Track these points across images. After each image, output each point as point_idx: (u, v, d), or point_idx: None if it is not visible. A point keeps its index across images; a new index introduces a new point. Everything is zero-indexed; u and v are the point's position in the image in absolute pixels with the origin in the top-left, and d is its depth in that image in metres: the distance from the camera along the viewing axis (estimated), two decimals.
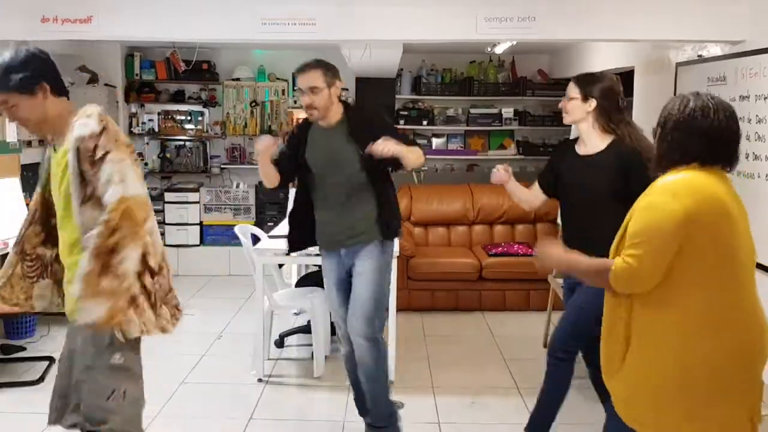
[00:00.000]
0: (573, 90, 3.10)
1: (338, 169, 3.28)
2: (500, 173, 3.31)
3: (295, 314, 5.54)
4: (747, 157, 3.82)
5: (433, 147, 7.67)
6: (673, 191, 2.06)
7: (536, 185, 3.35)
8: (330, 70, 3.27)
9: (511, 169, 3.35)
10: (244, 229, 4.72)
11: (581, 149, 3.13)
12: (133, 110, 7.33)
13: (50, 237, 2.53)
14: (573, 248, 2.65)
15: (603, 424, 2.48)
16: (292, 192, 3.76)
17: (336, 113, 3.30)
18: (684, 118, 2.12)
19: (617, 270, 2.08)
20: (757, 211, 3.74)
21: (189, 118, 7.45)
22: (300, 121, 3.47)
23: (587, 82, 3.09)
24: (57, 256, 2.52)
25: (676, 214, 2.02)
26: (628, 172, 2.89)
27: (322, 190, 3.38)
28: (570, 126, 5.06)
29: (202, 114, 7.45)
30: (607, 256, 2.29)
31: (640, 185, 2.55)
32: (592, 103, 3.04)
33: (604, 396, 2.80)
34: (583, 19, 4.13)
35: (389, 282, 3.47)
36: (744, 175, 3.85)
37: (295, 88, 3.37)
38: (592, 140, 3.07)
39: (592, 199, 3.00)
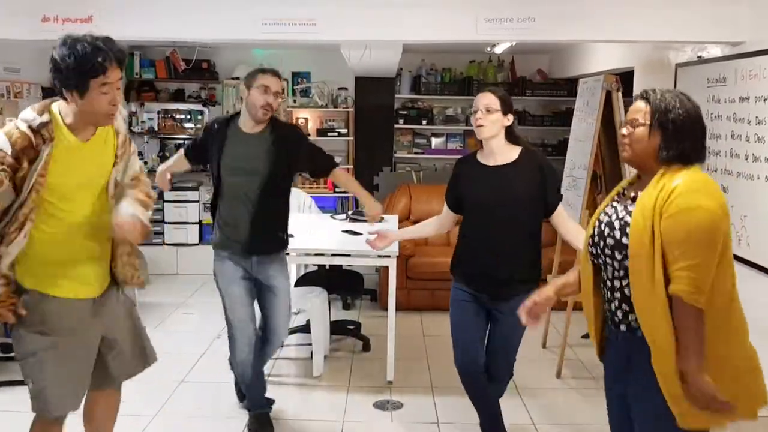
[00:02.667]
0: (494, 101, 3.07)
1: (255, 175, 3.47)
2: (373, 242, 3.47)
3: (294, 314, 5.54)
4: (747, 159, 3.83)
5: (433, 146, 7.68)
6: (706, 193, 2.03)
7: (446, 208, 3.36)
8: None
9: (386, 225, 3.51)
10: None
11: (490, 161, 3.15)
12: (133, 109, 7.33)
13: None
14: (482, 256, 3.11)
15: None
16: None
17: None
18: (688, 112, 2.13)
19: (684, 294, 1.98)
20: (757, 212, 3.75)
21: (189, 117, 7.45)
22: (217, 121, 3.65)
23: (506, 98, 3.13)
24: None
25: (717, 213, 2.01)
26: (544, 177, 3.07)
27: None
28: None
29: (201, 113, 7.45)
30: (517, 260, 2.99)
31: (554, 189, 3.08)
32: (510, 118, 3.12)
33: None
34: (583, 19, 4.14)
35: None
36: (744, 177, 3.85)
37: (263, 85, 3.41)
38: (504, 151, 3.13)
39: (510, 205, 3.07)
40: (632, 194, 2.20)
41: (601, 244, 2.20)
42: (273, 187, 3.48)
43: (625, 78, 5.17)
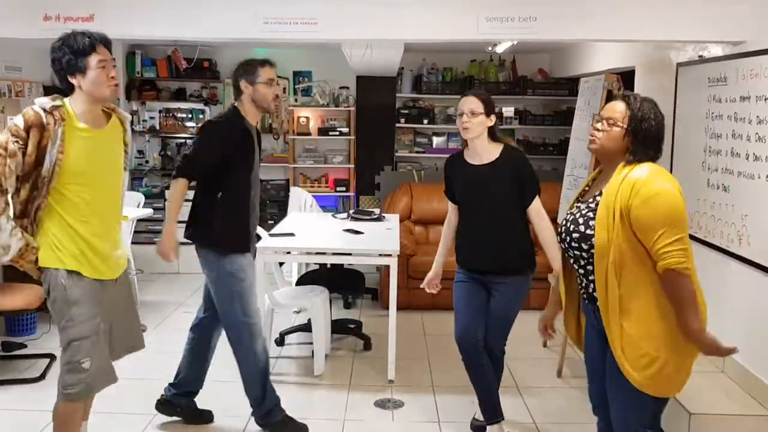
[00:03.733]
0: (478, 105, 3.29)
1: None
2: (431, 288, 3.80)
3: (296, 312, 5.56)
4: (748, 158, 3.83)
5: (434, 145, 7.68)
6: (664, 179, 2.31)
7: (450, 204, 3.64)
8: None
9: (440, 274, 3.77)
10: None
11: (475, 160, 3.39)
12: (135, 108, 7.34)
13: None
14: (473, 249, 3.40)
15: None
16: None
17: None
18: (659, 123, 2.40)
19: (677, 265, 2.23)
20: (757, 212, 3.75)
21: (190, 116, 7.46)
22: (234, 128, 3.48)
23: (489, 101, 3.34)
24: None
25: (679, 196, 2.29)
26: (522, 174, 3.34)
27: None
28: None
29: (203, 112, 7.46)
30: (506, 251, 3.31)
31: (531, 185, 3.33)
32: (493, 118, 3.33)
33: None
34: (584, 19, 4.13)
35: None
36: (745, 176, 3.85)
37: (269, 78, 3.49)
38: (488, 151, 3.36)
39: (495, 201, 3.34)
40: (596, 192, 2.46)
41: (568, 239, 2.48)
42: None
43: (626, 77, 5.18)
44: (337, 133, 7.52)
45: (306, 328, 4.87)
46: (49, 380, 4.16)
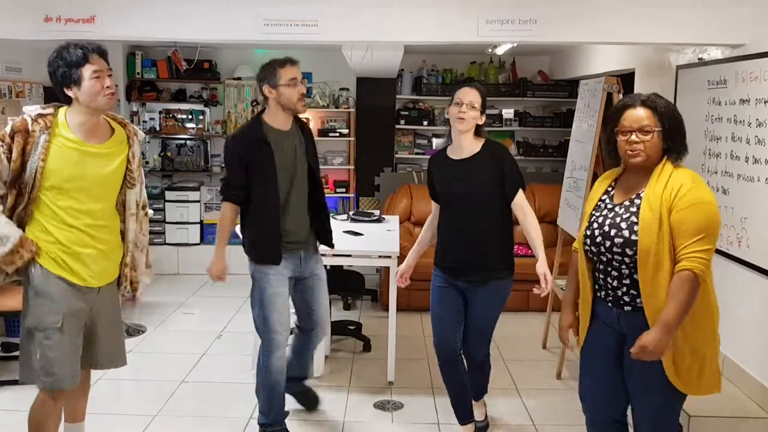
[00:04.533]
0: (478, 99, 3.25)
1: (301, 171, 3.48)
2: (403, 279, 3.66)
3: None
4: (747, 161, 3.83)
5: (434, 147, 7.68)
6: (708, 190, 2.38)
7: (434, 203, 3.54)
8: None
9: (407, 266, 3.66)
10: None
11: (457, 155, 3.33)
12: (135, 109, 7.33)
13: None
14: (455, 246, 3.31)
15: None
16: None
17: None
18: (679, 113, 2.46)
19: (699, 271, 2.30)
20: (757, 215, 3.76)
21: (190, 117, 7.46)
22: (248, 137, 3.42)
23: (485, 99, 3.30)
24: None
25: (717, 207, 2.38)
26: (503, 166, 3.25)
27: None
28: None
29: (203, 113, 7.46)
30: (487, 248, 3.25)
31: (512, 178, 3.26)
32: (483, 118, 3.30)
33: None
34: (584, 21, 4.14)
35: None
36: (745, 179, 3.86)
37: (291, 78, 3.39)
38: (471, 145, 3.30)
39: (476, 195, 3.26)
40: (631, 196, 2.46)
41: (607, 243, 2.44)
42: (314, 179, 3.52)
43: (626, 80, 5.18)
44: (337, 134, 7.52)
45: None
46: None
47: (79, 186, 2.69)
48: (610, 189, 2.59)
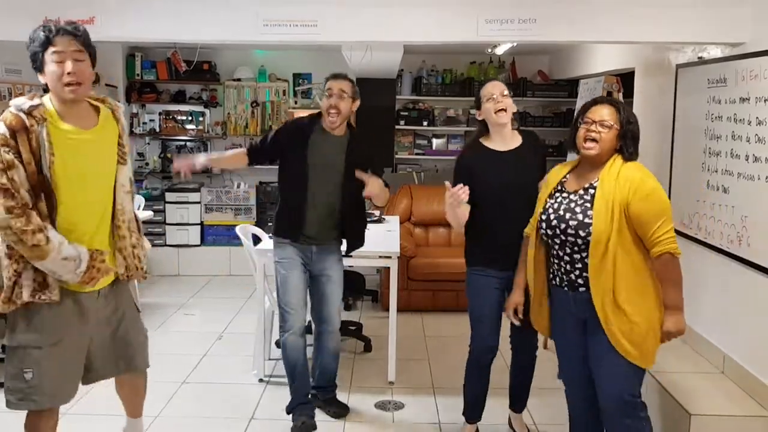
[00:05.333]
0: (506, 89, 3.32)
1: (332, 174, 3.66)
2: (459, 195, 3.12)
3: None
4: (747, 160, 3.83)
5: (434, 147, 7.69)
6: (652, 177, 2.67)
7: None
8: (354, 87, 3.73)
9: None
10: (245, 229, 4.73)
11: (502, 147, 3.34)
12: (134, 110, 7.34)
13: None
14: (505, 236, 3.24)
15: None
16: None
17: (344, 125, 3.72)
18: (638, 124, 2.75)
19: (676, 251, 2.62)
20: (757, 213, 3.75)
21: (190, 118, 7.46)
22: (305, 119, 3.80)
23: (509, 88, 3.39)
24: None
25: (661, 187, 2.69)
26: (543, 153, 3.48)
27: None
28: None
29: (203, 114, 7.47)
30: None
31: (543, 164, 3.36)
32: (515, 106, 3.39)
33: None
34: (584, 21, 4.14)
35: None
36: (744, 177, 3.86)
37: (327, 89, 3.69)
38: (513, 136, 3.38)
39: (529, 183, 3.24)
40: (585, 185, 2.74)
41: (562, 226, 2.71)
42: (350, 189, 3.64)
43: (626, 79, 5.18)
44: None
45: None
46: None
47: (73, 181, 2.48)
48: (564, 180, 2.86)
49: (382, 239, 4.78)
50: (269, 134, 3.84)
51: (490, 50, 6.60)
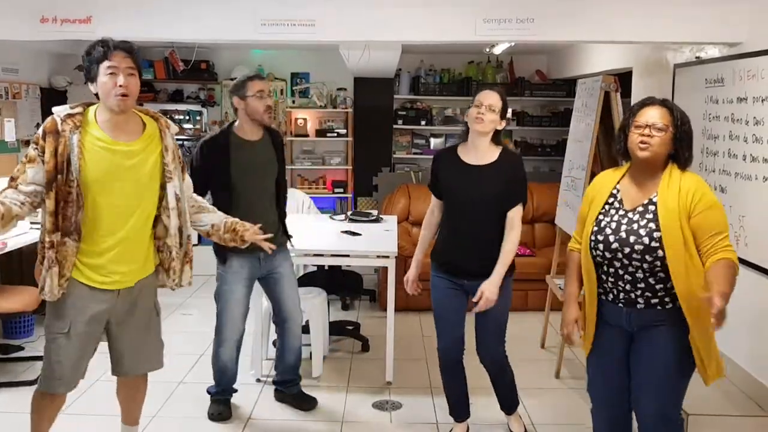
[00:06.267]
0: (498, 102, 3.23)
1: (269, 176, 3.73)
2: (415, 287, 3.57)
3: None
4: (745, 159, 3.84)
5: (432, 147, 7.69)
6: (708, 187, 2.51)
7: (434, 199, 3.51)
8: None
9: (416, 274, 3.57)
10: None
11: (472, 159, 3.29)
12: None
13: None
14: (458, 248, 3.29)
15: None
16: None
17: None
18: (690, 124, 2.53)
19: (735, 259, 2.42)
20: (755, 213, 3.76)
21: (187, 117, 7.46)
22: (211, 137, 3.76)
23: (506, 104, 3.28)
24: None
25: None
26: (516, 178, 3.28)
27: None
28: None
29: (200, 113, 7.46)
30: (490, 252, 3.21)
31: (520, 190, 3.29)
32: (503, 123, 3.28)
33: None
34: (582, 20, 4.14)
35: None
36: (742, 177, 3.86)
37: (258, 90, 3.63)
38: (488, 152, 3.29)
39: (486, 203, 3.25)
40: (643, 201, 2.53)
41: (626, 250, 2.50)
42: (284, 186, 3.79)
43: (624, 78, 5.18)
44: (335, 134, 7.52)
45: (304, 329, 4.85)
46: None
47: (103, 187, 2.64)
48: (615, 192, 2.63)
49: (380, 239, 4.77)
50: (195, 166, 3.68)
51: (488, 50, 6.60)
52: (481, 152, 3.28)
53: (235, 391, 3.99)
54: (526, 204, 3.32)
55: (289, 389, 4.02)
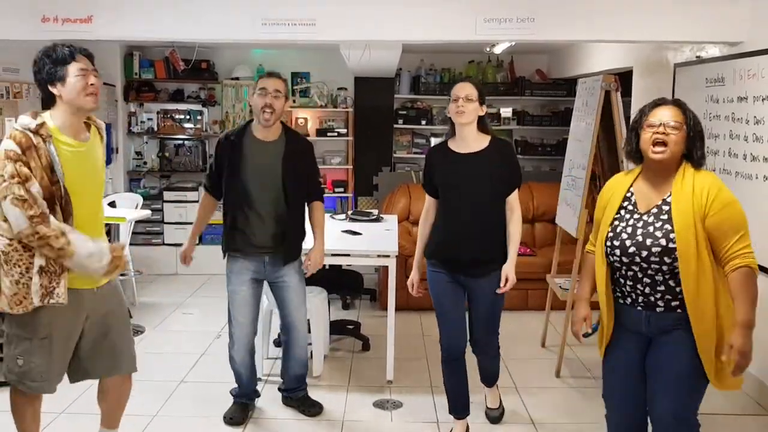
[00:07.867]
0: (473, 91, 3.32)
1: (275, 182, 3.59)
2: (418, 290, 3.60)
3: None
4: (745, 158, 3.84)
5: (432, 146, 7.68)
6: (724, 185, 2.47)
7: (429, 198, 3.57)
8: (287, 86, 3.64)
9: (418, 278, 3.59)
10: None
11: (462, 149, 3.36)
12: (132, 109, 7.33)
13: None
14: (455, 239, 3.32)
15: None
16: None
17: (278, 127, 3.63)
18: (703, 130, 2.52)
19: (754, 266, 2.39)
20: (755, 212, 3.76)
21: (188, 117, 7.45)
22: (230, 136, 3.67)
23: (482, 89, 3.39)
24: None
25: (739, 202, 2.47)
26: (508, 165, 3.36)
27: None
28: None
29: (201, 113, 7.46)
30: (486, 242, 3.27)
31: (515, 176, 3.36)
32: (484, 108, 3.36)
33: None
34: (582, 20, 4.14)
35: None
36: (743, 176, 3.86)
37: (260, 88, 3.54)
38: (477, 140, 3.35)
39: (482, 188, 3.31)
40: (657, 202, 2.50)
41: (644, 253, 2.46)
42: (294, 193, 3.62)
43: (624, 78, 5.18)
44: (335, 134, 7.52)
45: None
46: None
47: (77, 190, 2.67)
48: (629, 195, 2.60)
49: (381, 238, 4.78)
50: (211, 162, 3.76)
51: (488, 49, 6.60)
52: (470, 141, 3.34)
53: (258, 395, 3.96)
54: (520, 187, 3.40)
55: (295, 394, 3.99)
